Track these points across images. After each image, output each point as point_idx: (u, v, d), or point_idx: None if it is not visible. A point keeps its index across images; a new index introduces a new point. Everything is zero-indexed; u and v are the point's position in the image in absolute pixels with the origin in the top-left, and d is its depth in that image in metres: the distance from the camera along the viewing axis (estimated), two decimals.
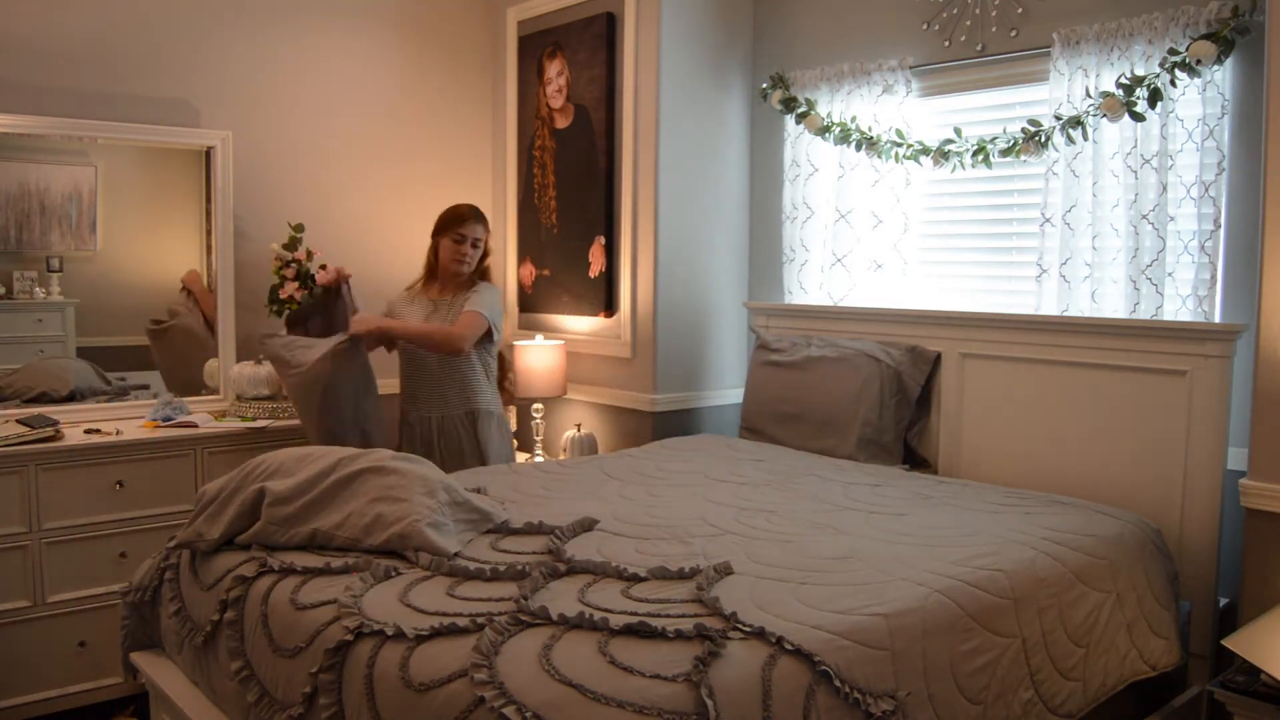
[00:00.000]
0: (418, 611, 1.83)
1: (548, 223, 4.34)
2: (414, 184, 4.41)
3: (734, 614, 1.76)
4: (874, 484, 2.85)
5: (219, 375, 3.78)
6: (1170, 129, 2.83)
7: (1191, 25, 2.75)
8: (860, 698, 1.68)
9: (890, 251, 3.54)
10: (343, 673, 1.76)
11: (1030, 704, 2.07)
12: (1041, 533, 2.37)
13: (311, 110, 4.09)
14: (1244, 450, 2.60)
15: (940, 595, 1.96)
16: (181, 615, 2.30)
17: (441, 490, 2.29)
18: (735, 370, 4.11)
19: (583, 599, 1.87)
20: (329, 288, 3.47)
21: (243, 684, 2.00)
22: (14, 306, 3.48)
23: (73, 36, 3.51)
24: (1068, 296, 3.06)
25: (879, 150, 3.48)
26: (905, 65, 3.45)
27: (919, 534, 2.34)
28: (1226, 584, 2.76)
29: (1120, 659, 2.33)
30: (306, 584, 2.03)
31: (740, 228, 4.12)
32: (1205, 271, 2.80)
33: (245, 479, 2.36)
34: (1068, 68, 3.01)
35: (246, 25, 3.90)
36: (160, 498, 3.30)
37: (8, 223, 3.44)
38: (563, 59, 4.20)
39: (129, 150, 3.67)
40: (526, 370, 3.97)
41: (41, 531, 3.10)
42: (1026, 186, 3.28)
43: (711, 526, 2.39)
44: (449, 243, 3.41)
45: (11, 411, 3.34)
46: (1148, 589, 2.45)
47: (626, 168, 3.94)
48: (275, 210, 3.95)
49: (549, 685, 1.54)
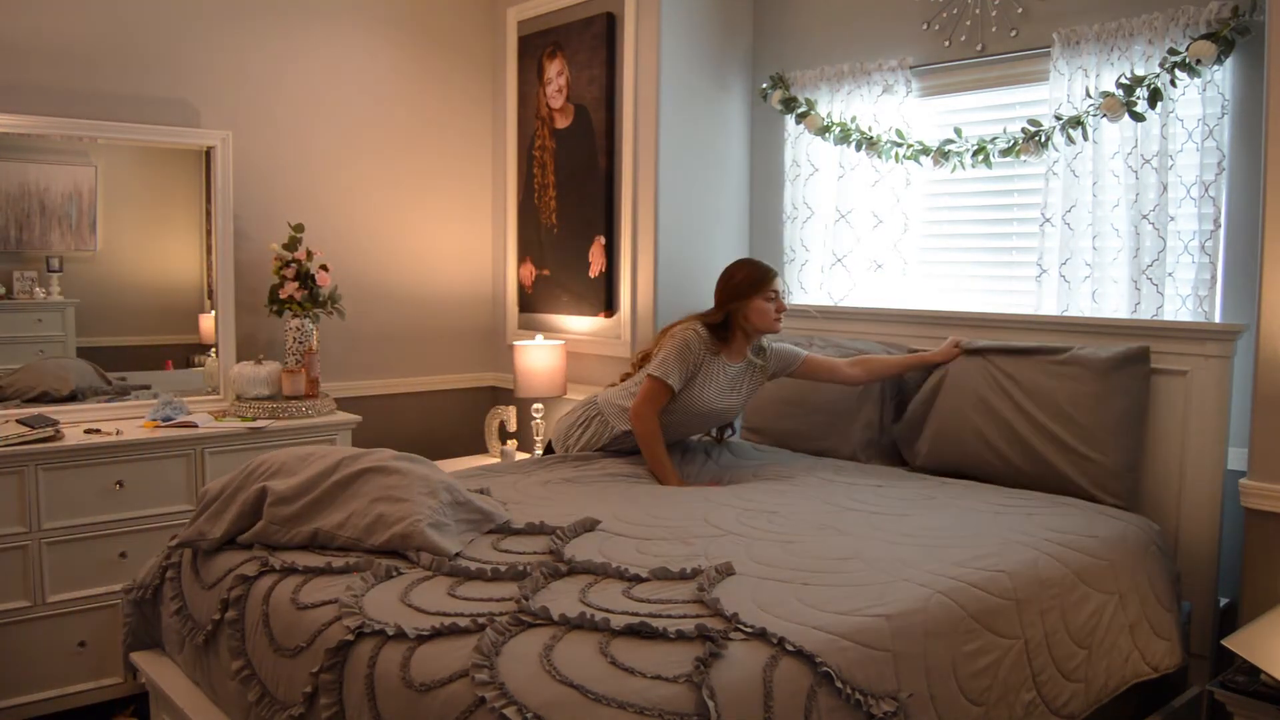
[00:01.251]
0: (419, 611, 1.83)
1: (548, 223, 4.34)
2: (414, 184, 4.41)
3: (735, 615, 1.76)
4: (876, 485, 2.85)
5: (219, 375, 3.78)
6: (1170, 129, 2.83)
7: (1191, 25, 2.75)
8: (862, 699, 1.68)
9: (890, 251, 3.54)
10: (344, 672, 1.76)
11: (1032, 705, 2.07)
12: (1044, 534, 2.37)
13: (311, 110, 4.09)
14: (1244, 450, 2.60)
15: (942, 596, 1.96)
16: (183, 614, 2.30)
17: (443, 491, 2.29)
18: None
19: (584, 599, 1.87)
20: None
21: (243, 683, 2.00)
22: (14, 306, 3.47)
23: (73, 36, 3.50)
24: (1068, 296, 3.07)
25: (879, 150, 3.48)
26: (905, 65, 3.45)
27: (921, 535, 2.34)
28: (1226, 584, 2.76)
29: (1122, 660, 2.33)
30: (308, 583, 2.03)
31: (740, 228, 4.12)
32: (1205, 271, 2.80)
33: (247, 478, 2.36)
34: (1068, 68, 3.01)
35: (246, 25, 3.89)
36: (160, 498, 3.30)
37: (8, 223, 3.43)
38: (563, 59, 4.20)
39: (129, 150, 3.66)
40: (526, 370, 3.97)
41: (41, 531, 3.09)
42: (1026, 186, 3.28)
43: (713, 527, 2.39)
44: (761, 303, 3.03)
45: (11, 411, 3.33)
46: (1150, 590, 2.45)
47: (626, 168, 3.94)
48: (275, 210, 3.95)
49: (550, 686, 1.54)
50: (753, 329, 3.07)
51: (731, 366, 3.10)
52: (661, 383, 2.99)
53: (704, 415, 3.13)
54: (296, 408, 3.64)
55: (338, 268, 3.96)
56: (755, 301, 3.03)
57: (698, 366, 3.04)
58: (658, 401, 3.00)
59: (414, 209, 4.42)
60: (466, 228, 4.61)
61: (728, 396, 3.12)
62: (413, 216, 4.42)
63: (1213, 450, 2.70)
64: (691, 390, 3.04)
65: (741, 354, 3.12)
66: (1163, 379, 2.78)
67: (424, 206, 4.46)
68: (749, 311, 3.04)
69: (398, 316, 4.38)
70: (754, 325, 3.05)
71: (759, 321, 3.05)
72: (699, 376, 3.04)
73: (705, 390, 3.06)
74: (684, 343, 3.01)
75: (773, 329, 3.08)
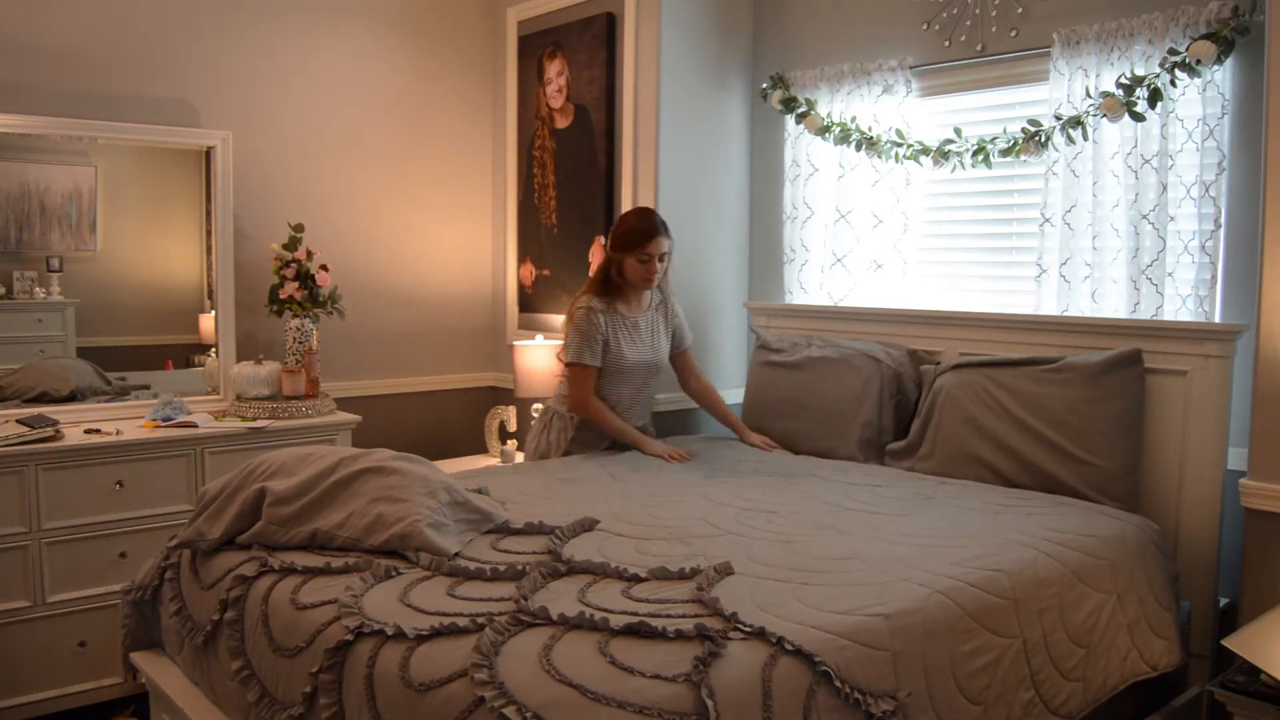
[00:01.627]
0: (418, 611, 1.83)
1: (548, 222, 4.34)
2: (414, 183, 4.41)
3: (734, 614, 1.76)
4: (875, 485, 2.85)
5: (219, 375, 3.78)
6: (1170, 129, 2.83)
7: (1191, 25, 2.75)
8: (861, 698, 1.68)
9: (890, 251, 3.54)
10: (343, 672, 1.76)
11: (1031, 704, 2.07)
12: (1042, 533, 2.37)
13: (311, 110, 4.09)
14: (1244, 450, 2.60)
15: (941, 596, 1.96)
16: (182, 614, 2.30)
17: (442, 491, 2.29)
18: (735, 370, 4.11)
19: (583, 599, 1.87)
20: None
21: (243, 684, 2.00)
22: (14, 306, 3.47)
23: (73, 36, 3.50)
24: (1068, 296, 3.07)
25: (879, 150, 3.48)
26: (905, 65, 3.45)
27: (920, 535, 2.34)
28: (1226, 584, 2.76)
29: (1121, 659, 2.33)
30: (307, 584, 2.03)
31: (740, 228, 4.12)
32: (1205, 271, 2.80)
33: (246, 479, 2.36)
34: (1068, 68, 3.01)
35: (246, 25, 3.89)
36: (160, 498, 3.30)
37: (8, 223, 3.43)
38: (563, 59, 4.20)
39: (129, 150, 3.67)
40: (527, 370, 3.97)
41: (41, 531, 3.09)
42: (1026, 186, 3.28)
43: (712, 527, 2.39)
44: (634, 263, 3.17)
45: (11, 411, 3.34)
46: (1149, 589, 2.45)
47: (626, 168, 3.94)
48: (275, 210, 3.95)
49: (549, 685, 1.54)
50: (625, 282, 3.22)
51: (639, 318, 3.28)
52: (578, 366, 3.15)
53: (638, 371, 3.29)
54: (296, 408, 3.64)
55: (338, 268, 3.96)
56: (629, 260, 3.18)
57: (606, 333, 3.19)
58: (587, 383, 3.17)
59: (414, 209, 4.42)
60: (466, 228, 4.61)
61: (649, 345, 3.28)
62: (413, 216, 4.42)
63: (1212, 450, 2.70)
64: (612, 354, 3.19)
65: (641, 304, 3.30)
66: (1162, 379, 2.78)
67: (424, 206, 4.46)
68: (623, 265, 3.20)
69: (398, 316, 4.38)
70: (626, 279, 3.21)
71: (631, 276, 3.21)
72: (612, 341, 3.20)
73: (626, 349, 3.21)
74: (582, 322, 3.18)
75: (642, 286, 3.23)
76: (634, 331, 3.25)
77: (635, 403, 3.37)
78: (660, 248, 3.18)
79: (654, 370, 3.34)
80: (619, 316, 3.23)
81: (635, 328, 3.25)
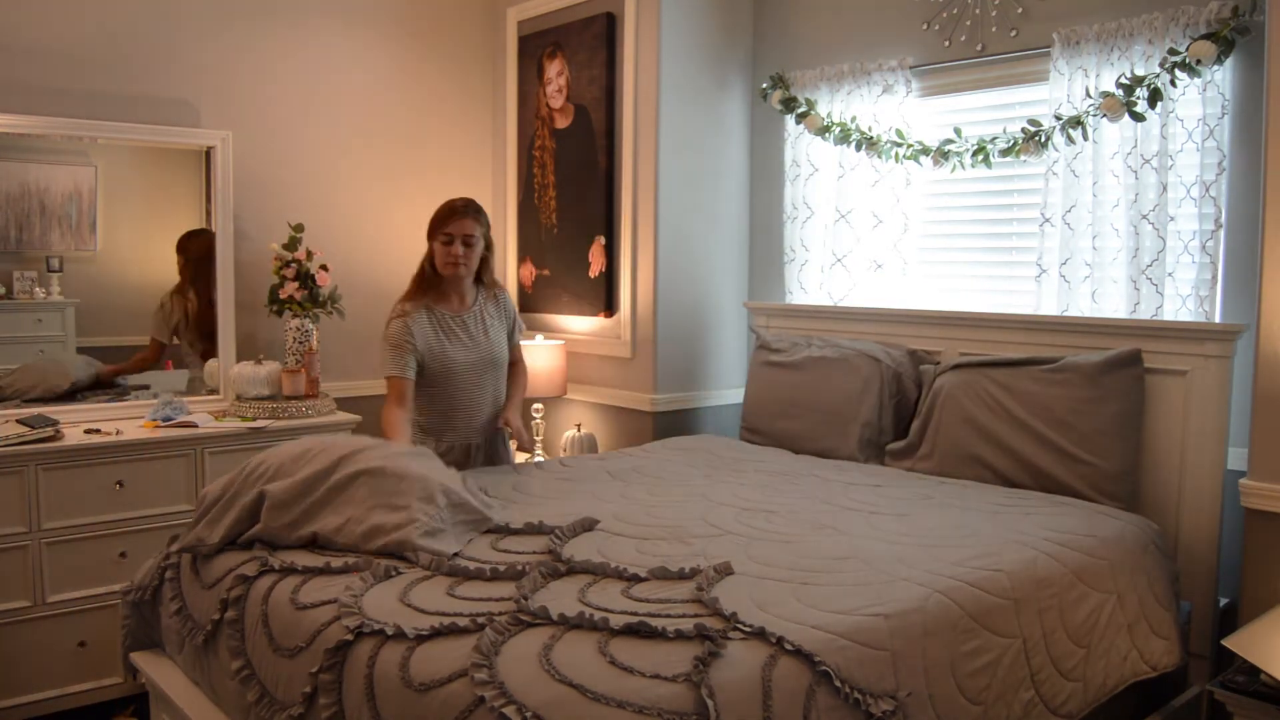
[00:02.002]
0: (418, 611, 1.83)
1: (548, 223, 4.34)
2: (414, 184, 4.41)
3: (734, 614, 1.76)
4: (875, 484, 2.85)
5: (219, 375, 3.78)
6: (1170, 129, 2.83)
7: (1191, 25, 2.75)
8: (860, 698, 1.68)
9: (890, 251, 3.54)
10: (343, 672, 1.76)
11: (1031, 704, 2.07)
12: (1042, 533, 2.37)
13: (311, 110, 4.09)
14: (1244, 450, 2.60)
15: (941, 596, 1.96)
16: (182, 614, 2.30)
17: (440, 494, 2.28)
18: (735, 370, 4.11)
19: (583, 599, 1.87)
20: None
21: (243, 683, 2.00)
22: (14, 306, 3.47)
23: (72, 36, 3.50)
24: (1068, 296, 3.07)
25: (879, 150, 3.48)
26: (905, 65, 3.45)
27: (920, 534, 2.34)
28: (1226, 584, 2.76)
29: (1121, 659, 2.33)
30: (307, 583, 2.03)
31: (740, 228, 4.12)
32: (1206, 271, 2.80)
33: (245, 481, 2.36)
34: (1068, 68, 3.01)
35: (247, 25, 3.90)
36: (160, 498, 3.30)
37: (8, 223, 3.43)
38: (563, 59, 4.20)
39: (129, 150, 3.67)
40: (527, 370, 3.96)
41: (41, 531, 3.09)
42: (1026, 186, 3.28)
43: (712, 527, 2.39)
44: (438, 246, 3.00)
45: (11, 411, 3.34)
46: (1148, 589, 2.45)
47: (626, 168, 3.94)
48: (275, 210, 3.95)
49: (549, 685, 1.54)
50: (438, 276, 3.01)
51: (465, 315, 3.05)
52: (393, 379, 2.93)
53: (470, 371, 3.05)
54: (296, 408, 3.64)
55: (338, 268, 3.96)
56: (434, 245, 3.00)
57: (427, 337, 2.97)
58: (402, 396, 2.91)
59: (414, 209, 4.41)
60: None
61: (479, 343, 3.06)
62: (413, 216, 4.41)
63: (1213, 450, 2.70)
64: (437, 358, 2.98)
65: (465, 301, 3.07)
66: (1162, 379, 2.78)
67: (424, 206, 4.44)
68: (433, 255, 3.01)
69: None
70: (436, 269, 3.01)
71: (438, 264, 3.00)
72: (435, 344, 2.98)
73: (451, 350, 3.00)
74: (391, 335, 2.95)
75: (447, 272, 2.99)
76: (461, 330, 3.04)
77: (475, 402, 3.10)
78: (464, 229, 2.97)
79: (490, 367, 3.10)
80: (440, 315, 3.02)
81: (463, 326, 3.04)
